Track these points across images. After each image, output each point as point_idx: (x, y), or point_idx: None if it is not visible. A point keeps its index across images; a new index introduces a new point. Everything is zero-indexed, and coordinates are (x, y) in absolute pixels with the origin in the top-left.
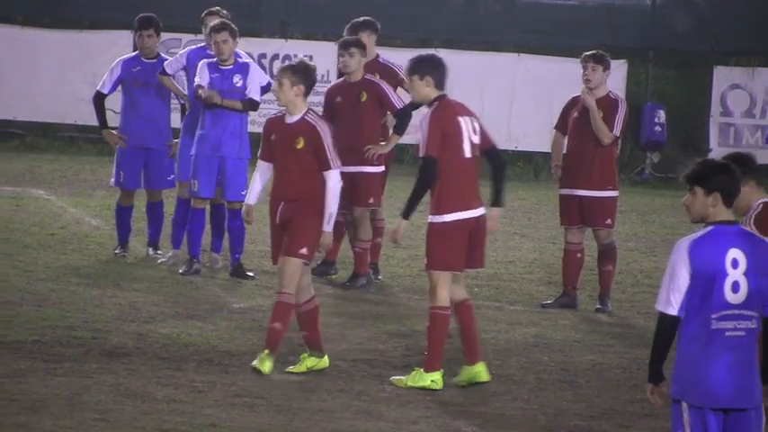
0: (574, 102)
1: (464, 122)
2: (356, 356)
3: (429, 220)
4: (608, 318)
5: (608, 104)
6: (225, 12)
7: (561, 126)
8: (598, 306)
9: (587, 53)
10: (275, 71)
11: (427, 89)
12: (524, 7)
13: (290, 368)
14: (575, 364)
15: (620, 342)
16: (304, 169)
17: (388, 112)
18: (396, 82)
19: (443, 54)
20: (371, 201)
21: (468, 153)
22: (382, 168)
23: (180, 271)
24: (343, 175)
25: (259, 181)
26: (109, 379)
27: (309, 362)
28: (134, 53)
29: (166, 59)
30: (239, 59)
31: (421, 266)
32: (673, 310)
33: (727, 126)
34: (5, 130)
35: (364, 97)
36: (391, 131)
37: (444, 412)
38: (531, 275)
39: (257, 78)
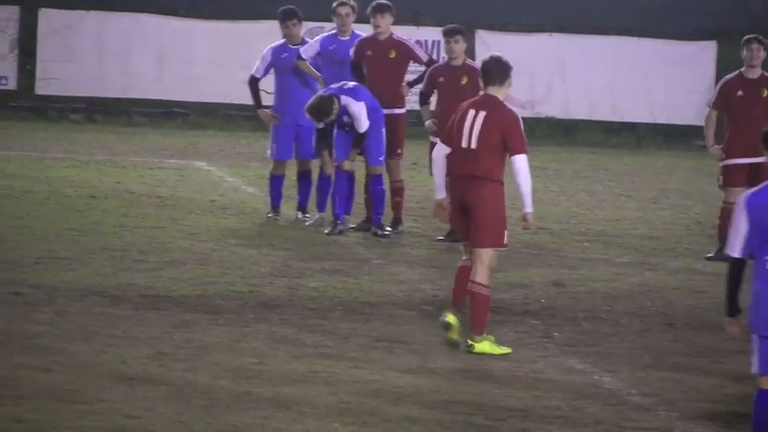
0: (733, 81)
1: None
2: None
3: None
4: (703, 267)
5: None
6: (354, 2)
7: (718, 104)
8: (708, 255)
9: (750, 36)
10: None
11: None
12: None
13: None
14: (674, 309)
15: (715, 288)
16: None
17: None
18: (409, 56)
19: (557, 37)
20: None
21: None
22: None
23: (325, 231)
24: None
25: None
26: (264, 328)
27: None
28: (281, 41)
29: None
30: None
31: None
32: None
33: None
34: (171, 109)
35: (464, 80)
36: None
37: (560, 353)
38: (635, 231)
39: None
